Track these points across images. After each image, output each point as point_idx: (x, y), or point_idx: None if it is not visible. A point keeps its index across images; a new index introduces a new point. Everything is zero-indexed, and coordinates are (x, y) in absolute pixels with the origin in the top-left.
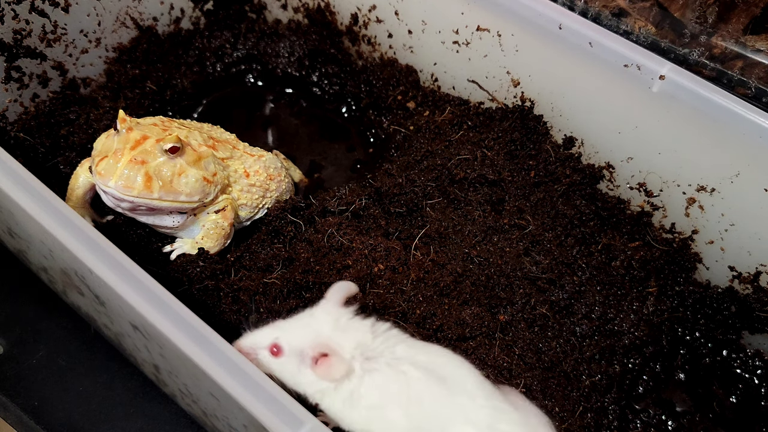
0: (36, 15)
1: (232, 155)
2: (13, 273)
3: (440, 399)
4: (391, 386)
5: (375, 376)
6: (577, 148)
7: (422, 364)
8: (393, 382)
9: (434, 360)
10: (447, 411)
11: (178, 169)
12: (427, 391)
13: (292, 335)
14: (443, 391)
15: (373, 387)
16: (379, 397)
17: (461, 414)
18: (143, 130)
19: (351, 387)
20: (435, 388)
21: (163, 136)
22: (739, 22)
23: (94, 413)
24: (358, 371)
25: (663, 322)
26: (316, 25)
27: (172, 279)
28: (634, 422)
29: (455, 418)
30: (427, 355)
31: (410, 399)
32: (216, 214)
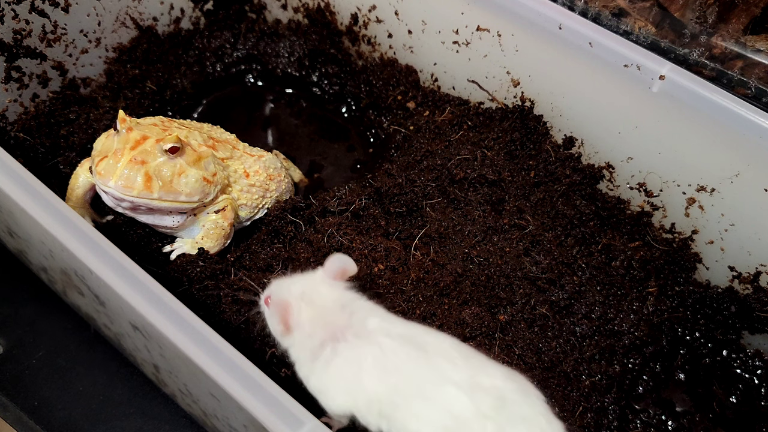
0: (36, 15)
1: (232, 155)
2: (13, 273)
3: (418, 362)
4: (366, 356)
5: (347, 348)
6: (577, 148)
7: (397, 333)
8: (367, 351)
9: (410, 330)
10: (425, 373)
11: (178, 169)
12: (403, 357)
13: (280, 290)
14: (420, 355)
15: (346, 358)
16: (353, 368)
17: (440, 375)
18: (143, 130)
19: (325, 359)
20: (412, 353)
21: (163, 136)
22: (739, 22)
23: (94, 413)
24: (330, 342)
25: (663, 322)
26: (316, 25)
27: (172, 279)
28: (634, 422)
29: (434, 380)
30: (403, 326)
31: (386, 366)
32: (216, 214)
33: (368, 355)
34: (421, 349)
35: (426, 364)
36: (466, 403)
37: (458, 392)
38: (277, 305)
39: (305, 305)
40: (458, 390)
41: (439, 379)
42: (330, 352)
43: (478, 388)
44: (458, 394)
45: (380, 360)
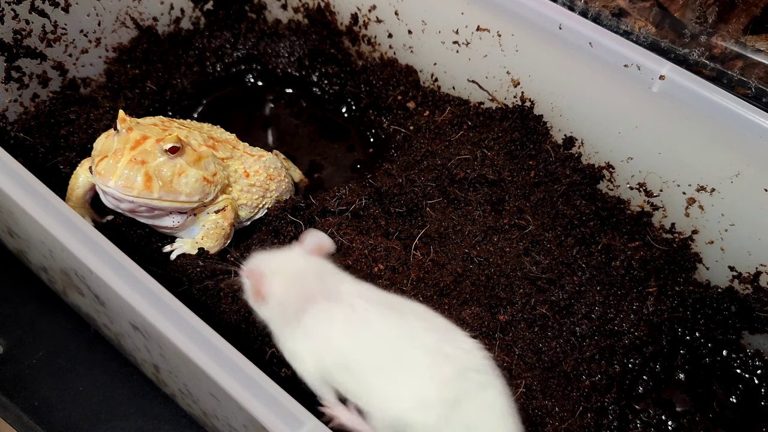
0: (36, 15)
1: (232, 155)
2: (13, 273)
3: (389, 321)
4: (336, 315)
5: (319, 310)
6: (577, 148)
7: (371, 296)
8: (338, 311)
9: (384, 296)
10: (396, 332)
11: (178, 169)
12: (375, 315)
13: (257, 262)
14: (393, 315)
15: (317, 318)
16: (323, 326)
17: (409, 335)
18: (143, 130)
19: (297, 321)
20: (384, 312)
21: (163, 136)
22: (739, 22)
23: (94, 413)
24: (302, 306)
25: (663, 322)
26: (316, 25)
27: (172, 279)
28: (634, 422)
29: (402, 340)
30: (378, 293)
31: (356, 323)
32: (216, 214)
33: (339, 314)
34: (395, 311)
35: (397, 323)
36: (427, 367)
37: (422, 355)
38: (252, 275)
39: (279, 274)
40: (423, 353)
41: (407, 340)
42: (301, 315)
43: (443, 355)
44: (422, 356)
45: (350, 318)
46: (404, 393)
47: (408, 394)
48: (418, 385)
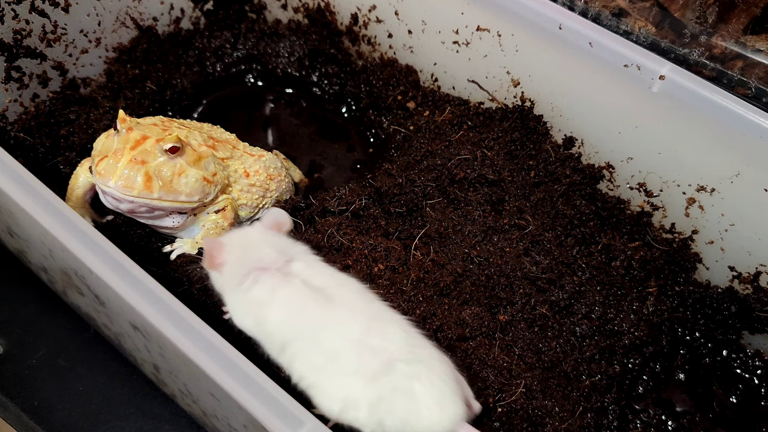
0: (36, 15)
1: (232, 155)
2: (13, 273)
3: (319, 309)
4: (280, 292)
5: (268, 279)
6: (577, 148)
7: (314, 282)
8: (283, 288)
9: (328, 281)
10: (324, 323)
11: (178, 169)
12: (308, 301)
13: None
14: (324, 303)
15: (263, 288)
16: (264, 299)
17: (337, 327)
18: (143, 130)
19: (247, 285)
20: (318, 299)
21: (163, 136)
22: (739, 22)
23: (94, 413)
24: (251, 276)
25: (663, 322)
26: (316, 25)
27: (172, 279)
28: (634, 422)
29: (331, 332)
30: (324, 277)
31: (291, 305)
32: (216, 214)
33: (282, 292)
34: (329, 300)
35: (326, 313)
36: (352, 362)
37: (348, 349)
38: (209, 244)
39: (235, 245)
40: (349, 346)
41: (333, 332)
42: (252, 281)
43: (368, 348)
44: (347, 351)
45: (290, 300)
46: (332, 391)
47: (335, 392)
48: (345, 384)
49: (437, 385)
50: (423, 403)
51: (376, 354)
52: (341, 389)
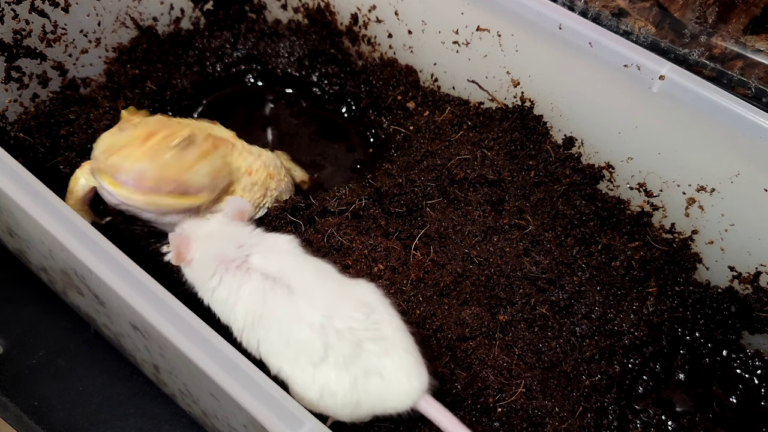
0: (36, 15)
1: (232, 152)
2: (13, 273)
3: (281, 301)
4: (241, 290)
5: (230, 279)
6: (577, 148)
7: (272, 272)
8: (243, 286)
9: (286, 269)
10: (287, 313)
11: (189, 164)
12: (269, 295)
13: (182, 229)
14: (285, 294)
15: (229, 288)
16: (230, 300)
17: (299, 317)
18: (150, 125)
19: (212, 286)
20: (278, 291)
21: (171, 131)
22: (739, 22)
23: (94, 413)
24: (216, 276)
25: (663, 322)
26: (316, 25)
27: (172, 279)
28: (634, 422)
29: (294, 319)
30: (281, 265)
31: (255, 302)
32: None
33: (245, 289)
34: (289, 290)
35: (287, 304)
36: (320, 349)
37: (314, 337)
38: (176, 240)
39: (200, 239)
40: (314, 334)
41: (297, 323)
42: (217, 281)
43: (334, 331)
44: (313, 339)
45: (253, 297)
46: (306, 382)
47: (310, 383)
48: (318, 374)
49: (405, 359)
50: (394, 377)
51: (343, 338)
52: (315, 380)
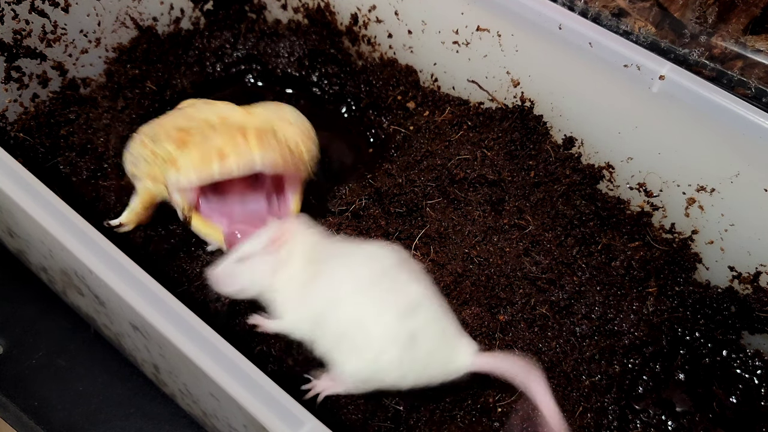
0: (36, 15)
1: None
2: (13, 273)
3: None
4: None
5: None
6: (577, 148)
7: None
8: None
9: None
10: (347, 287)
11: (287, 140)
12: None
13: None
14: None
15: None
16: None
17: (359, 287)
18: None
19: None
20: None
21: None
22: (739, 22)
23: (94, 413)
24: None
25: (663, 322)
26: (316, 25)
27: (172, 279)
28: (634, 422)
29: (356, 293)
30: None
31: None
32: None
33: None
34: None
35: (347, 275)
36: (377, 314)
37: (369, 304)
38: (281, 227)
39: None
40: (370, 302)
41: (359, 292)
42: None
43: (391, 295)
44: (369, 305)
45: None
46: (363, 344)
47: (367, 343)
48: (376, 333)
49: (447, 324)
50: (439, 343)
51: (398, 301)
52: (371, 339)
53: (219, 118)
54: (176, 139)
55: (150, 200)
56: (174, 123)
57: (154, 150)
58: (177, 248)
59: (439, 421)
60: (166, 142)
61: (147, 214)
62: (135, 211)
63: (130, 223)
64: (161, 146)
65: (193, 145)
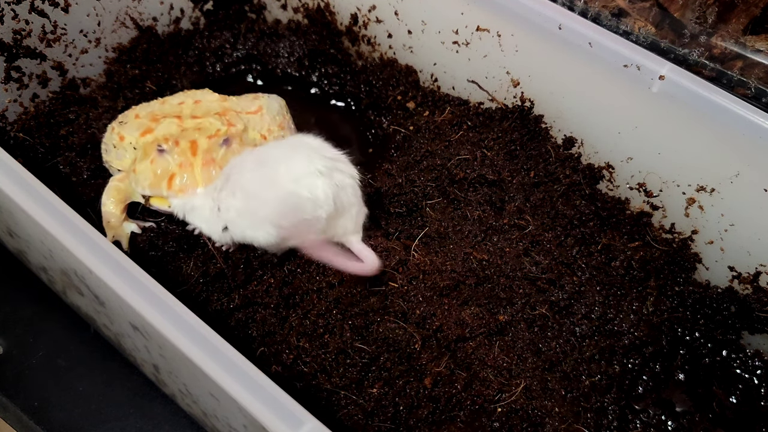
0: (36, 15)
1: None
2: (13, 273)
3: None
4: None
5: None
6: (577, 148)
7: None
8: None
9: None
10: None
11: (236, 152)
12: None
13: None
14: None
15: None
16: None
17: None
18: (185, 136)
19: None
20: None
21: (205, 134)
22: (738, 22)
23: (93, 413)
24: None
25: (663, 322)
26: (315, 25)
27: (172, 279)
28: (634, 422)
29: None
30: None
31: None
32: None
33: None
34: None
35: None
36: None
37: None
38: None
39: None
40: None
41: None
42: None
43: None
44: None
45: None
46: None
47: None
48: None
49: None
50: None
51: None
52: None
53: (193, 102)
54: (141, 125)
55: (120, 198)
56: (147, 110)
57: (120, 133)
58: (177, 248)
59: (439, 421)
60: (132, 128)
61: (122, 213)
62: (113, 214)
63: (119, 234)
64: (127, 130)
65: (150, 156)
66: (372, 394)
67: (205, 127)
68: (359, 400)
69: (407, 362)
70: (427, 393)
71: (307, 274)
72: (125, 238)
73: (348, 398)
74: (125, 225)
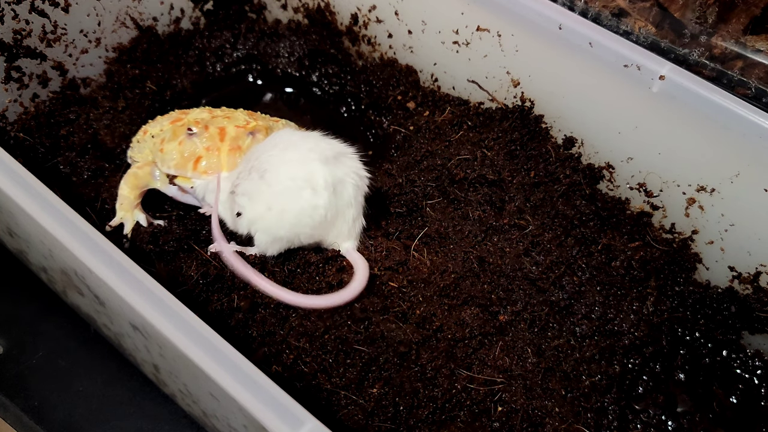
0: (36, 15)
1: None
2: (13, 273)
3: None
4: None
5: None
6: (577, 148)
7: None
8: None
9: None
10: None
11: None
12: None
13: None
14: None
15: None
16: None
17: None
18: (215, 123)
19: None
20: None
21: (233, 123)
22: (739, 22)
23: (94, 413)
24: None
25: (663, 322)
26: (316, 25)
27: (172, 279)
28: (634, 422)
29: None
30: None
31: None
32: None
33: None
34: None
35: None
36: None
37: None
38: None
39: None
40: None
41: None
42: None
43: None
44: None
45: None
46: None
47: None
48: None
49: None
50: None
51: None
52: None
53: (223, 113)
54: (171, 116)
55: (137, 184)
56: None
57: (145, 128)
58: (177, 248)
59: (439, 421)
60: (160, 121)
61: (137, 200)
62: (126, 198)
63: (127, 217)
64: (153, 125)
65: (179, 138)
66: (372, 394)
67: (234, 117)
68: (359, 400)
69: (407, 362)
70: (427, 393)
71: (307, 274)
72: (131, 222)
73: (348, 398)
74: (135, 212)
